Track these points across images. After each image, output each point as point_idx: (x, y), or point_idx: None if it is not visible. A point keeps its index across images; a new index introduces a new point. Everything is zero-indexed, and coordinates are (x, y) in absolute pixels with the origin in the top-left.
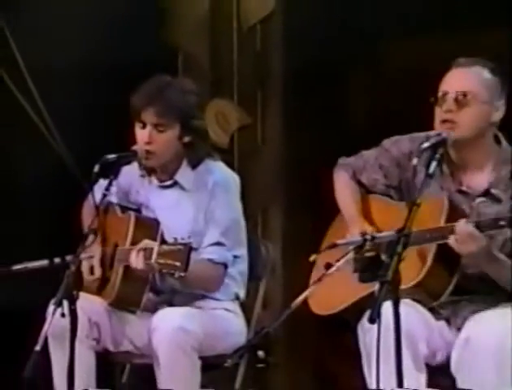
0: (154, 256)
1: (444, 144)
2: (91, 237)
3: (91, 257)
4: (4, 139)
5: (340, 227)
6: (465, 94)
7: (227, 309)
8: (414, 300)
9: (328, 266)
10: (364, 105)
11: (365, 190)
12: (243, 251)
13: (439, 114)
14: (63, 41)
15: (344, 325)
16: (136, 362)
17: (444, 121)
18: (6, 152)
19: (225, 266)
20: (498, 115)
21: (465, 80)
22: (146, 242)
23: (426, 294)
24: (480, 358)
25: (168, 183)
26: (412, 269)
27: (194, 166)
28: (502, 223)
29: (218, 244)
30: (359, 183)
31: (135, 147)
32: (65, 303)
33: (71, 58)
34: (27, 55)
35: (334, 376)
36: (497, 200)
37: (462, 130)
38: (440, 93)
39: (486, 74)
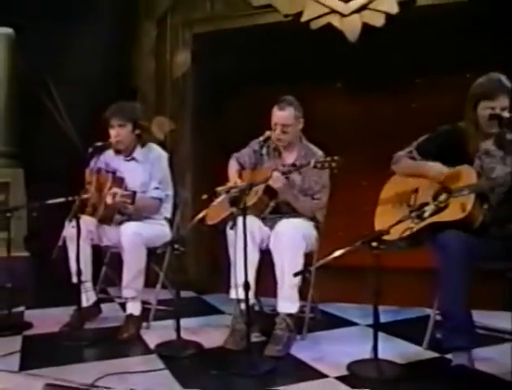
0: (118, 197)
1: (269, 139)
2: (88, 186)
3: (88, 197)
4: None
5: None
6: (285, 125)
7: (161, 223)
8: (254, 215)
9: (212, 201)
10: (238, 120)
11: (241, 166)
12: (170, 192)
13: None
14: (72, 83)
15: (221, 229)
16: (112, 251)
17: (277, 138)
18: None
19: (160, 200)
20: (300, 127)
21: (284, 117)
22: (114, 190)
23: (258, 211)
24: (282, 243)
25: (129, 158)
26: (252, 198)
27: (142, 145)
28: (292, 169)
29: (157, 188)
30: (239, 163)
31: (110, 140)
32: (74, 220)
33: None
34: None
35: (217, 257)
36: (299, 166)
37: (284, 141)
38: (273, 123)
39: (293, 110)
